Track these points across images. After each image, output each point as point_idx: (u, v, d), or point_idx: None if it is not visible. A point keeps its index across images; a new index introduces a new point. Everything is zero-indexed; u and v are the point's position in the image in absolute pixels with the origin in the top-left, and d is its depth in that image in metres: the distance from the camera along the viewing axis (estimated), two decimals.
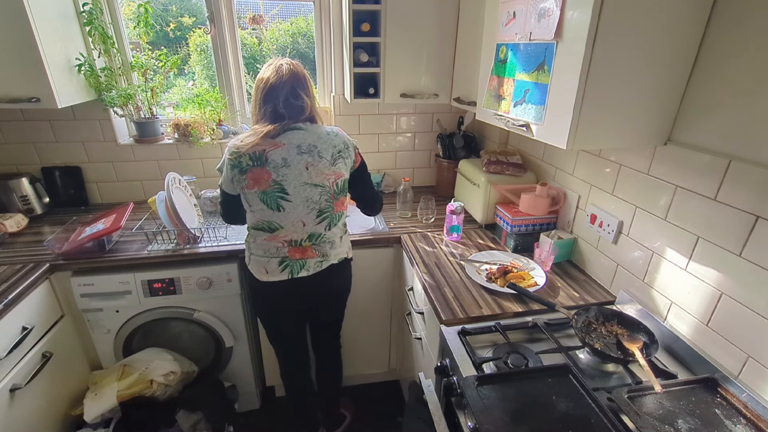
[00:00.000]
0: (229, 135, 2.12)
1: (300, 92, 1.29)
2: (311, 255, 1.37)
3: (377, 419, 1.97)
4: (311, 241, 1.35)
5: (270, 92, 1.27)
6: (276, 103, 1.27)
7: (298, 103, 1.28)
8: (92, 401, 1.52)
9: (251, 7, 2.14)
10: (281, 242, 1.34)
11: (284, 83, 1.27)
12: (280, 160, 1.25)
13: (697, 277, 1.06)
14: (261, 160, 1.24)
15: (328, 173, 1.31)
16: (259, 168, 1.25)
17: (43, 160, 1.98)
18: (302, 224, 1.32)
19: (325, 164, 1.29)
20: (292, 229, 1.32)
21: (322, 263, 1.39)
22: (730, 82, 0.95)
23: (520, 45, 1.17)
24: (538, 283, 1.37)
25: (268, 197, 1.27)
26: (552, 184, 1.65)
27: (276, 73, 1.27)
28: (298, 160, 1.26)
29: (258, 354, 1.93)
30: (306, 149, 1.27)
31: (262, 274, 1.36)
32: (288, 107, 1.27)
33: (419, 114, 2.25)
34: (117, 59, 1.92)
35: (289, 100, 1.27)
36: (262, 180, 1.26)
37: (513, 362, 1.07)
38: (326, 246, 1.38)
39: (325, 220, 1.35)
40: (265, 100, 1.28)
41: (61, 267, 1.52)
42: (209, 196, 1.95)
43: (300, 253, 1.36)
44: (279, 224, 1.31)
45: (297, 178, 1.27)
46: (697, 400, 0.95)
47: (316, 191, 1.30)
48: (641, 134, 1.09)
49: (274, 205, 1.28)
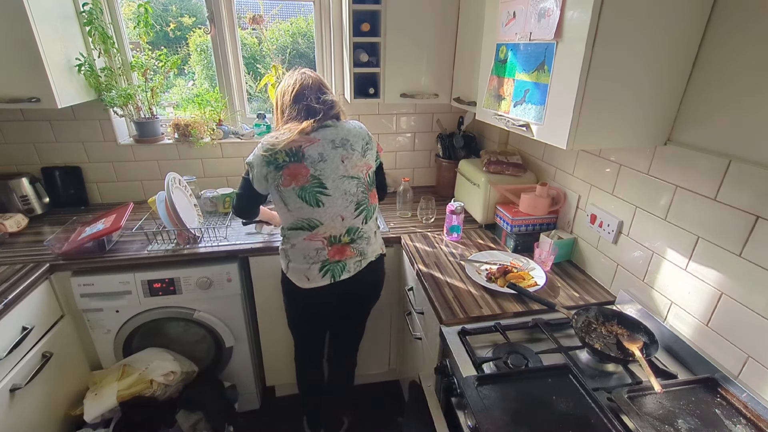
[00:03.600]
0: (229, 135, 2.12)
1: (326, 91, 1.37)
2: (350, 254, 1.40)
3: (377, 419, 1.97)
4: (350, 236, 1.38)
5: (300, 93, 1.33)
6: (309, 101, 1.32)
7: (329, 98, 1.35)
8: (92, 401, 1.52)
9: (251, 7, 2.13)
10: (321, 240, 1.36)
11: (312, 83, 1.35)
12: (317, 155, 1.29)
13: (697, 277, 1.06)
14: (298, 155, 1.27)
15: (360, 165, 1.36)
16: (296, 164, 1.27)
17: (43, 160, 1.98)
18: (341, 219, 1.35)
19: (357, 156, 1.35)
20: (332, 224, 1.34)
21: (361, 262, 1.42)
22: (731, 82, 0.95)
23: (520, 45, 1.17)
24: (538, 283, 1.37)
25: (307, 193, 1.30)
26: (552, 184, 1.65)
27: (301, 77, 1.35)
28: (333, 154, 1.30)
29: (258, 354, 1.93)
30: (339, 143, 1.32)
31: (304, 281, 1.38)
32: (321, 102, 1.34)
33: (419, 114, 2.25)
34: (117, 59, 1.92)
35: (320, 97, 1.34)
36: (299, 175, 1.28)
37: (513, 362, 1.07)
38: (363, 243, 1.41)
39: (362, 213, 1.39)
40: (296, 100, 1.33)
41: (61, 267, 1.52)
42: (209, 196, 1.95)
43: (339, 254, 1.38)
44: (319, 220, 1.33)
45: (334, 171, 1.31)
46: (697, 400, 0.95)
47: (353, 183, 1.34)
48: (641, 134, 1.09)
49: (313, 200, 1.31)
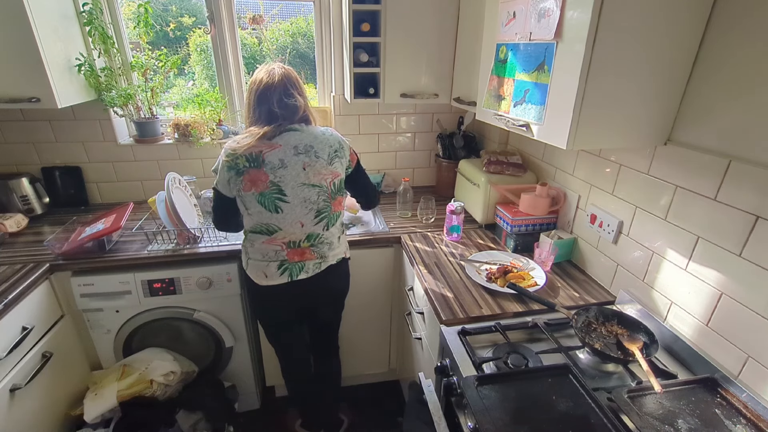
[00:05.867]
0: (229, 135, 2.11)
1: (293, 91, 1.29)
2: (309, 257, 1.36)
3: (377, 419, 1.97)
4: (309, 241, 1.35)
5: (263, 93, 1.27)
6: (270, 104, 1.26)
7: (292, 102, 1.28)
8: (92, 401, 1.52)
9: (251, 7, 2.13)
10: (280, 245, 1.33)
11: (277, 84, 1.27)
12: (277, 161, 1.25)
13: (697, 277, 1.06)
14: (258, 161, 1.24)
15: (325, 173, 1.31)
16: (255, 169, 1.24)
17: (43, 160, 1.98)
18: (300, 225, 1.32)
19: (322, 164, 1.30)
20: (291, 230, 1.32)
21: (320, 264, 1.39)
22: (731, 82, 0.95)
23: (520, 45, 1.17)
24: (538, 283, 1.37)
25: (266, 199, 1.27)
26: (552, 184, 1.65)
27: (268, 74, 1.28)
28: (295, 161, 1.27)
29: (258, 354, 1.93)
30: (303, 150, 1.27)
31: (261, 278, 1.36)
32: (282, 107, 1.27)
33: (419, 114, 2.25)
34: (117, 59, 1.92)
35: (283, 100, 1.27)
36: (259, 181, 1.25)
37: (513, 362, 1.07)
38: (324, 247, 1.38)
39: (324, 220, 1.35)
40: (259, 102, 1.28)
41: (61, 267, 1.52)
42: (209, 196, 1.95)
43: (299, 256, 1.35)
44: (277, 226, 1.31)
45: (294, 179, 1.27)
46: (697, 400, 0.95)
47: (314, 191, 1.30)
48: (641, 134, 1.09)
49: (272, 206, 1.28)
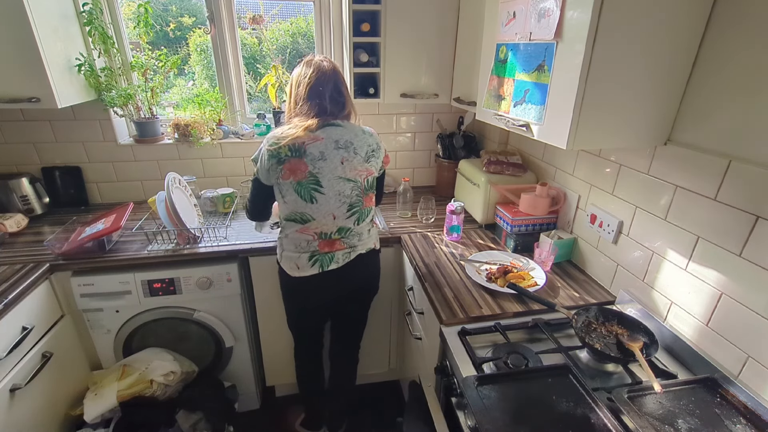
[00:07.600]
0: (229, 135, 2.12)
1: (342, 89, 1.36)
2: (339, 247, 1.40)
3: (377, 419, 1.97)
4: (340, 234, 1.39)
5: (315, 88, 1.31)
6: (322, 98, 1.31)
7: (341, 99, 1.35)
8: (92, 401, 1.52)
9: (251, 7, 2.13)
10: (312, 234, 1.37)
11: (329, 79, 1.33)
12: (318, 153, 1.29)
13: (697, 277, 1.06)
14: (300, 151, 1.28)
15: (360, 169, 1.36)
16: (296, 159, 1.28)
17: (43, 160, 1.98)
18: (333, 217, 1.35)
19: (359, 161, 1.34)
20: (323, 221, 1.35)
21: (350, 254, 1.42)
22: (730, 82, 0.95)
23: (520, 45, 1.17)
24: (538, 283, 1.37)
25: (303, 188, 1.31)
26: (552, 184, 1.65)
27: (318, 69, 1.32)
28: (334, 154, 1.31)
29: (258, 354, 1.93)
30: (343, 145, 1.32)
31: (294, 270, 1.40)
32: (333, 103, 1.33)
33: (419, 114, 2.25)
34: (117, 59, 1.92)
35: (334, 97, 1.33)
36: (298, 171, 1.29)
37: (513, 362, 1.07)
38: (354, 239, 1.42)
39: (355, 215, 1.39)
40: (310, 96, 1.31)
41: (61, 267, 1.52)
42: (209, 196, 1.95)
43: (329, 246, 1.39)
44: (311, 216, 1.34)
45: (332, 171, 1.31)
46: (697, 400, 0.95)
47: (348, 186, 1.34)
48: (641, 134, 1.09)
49: (308, 196, 1.31)
